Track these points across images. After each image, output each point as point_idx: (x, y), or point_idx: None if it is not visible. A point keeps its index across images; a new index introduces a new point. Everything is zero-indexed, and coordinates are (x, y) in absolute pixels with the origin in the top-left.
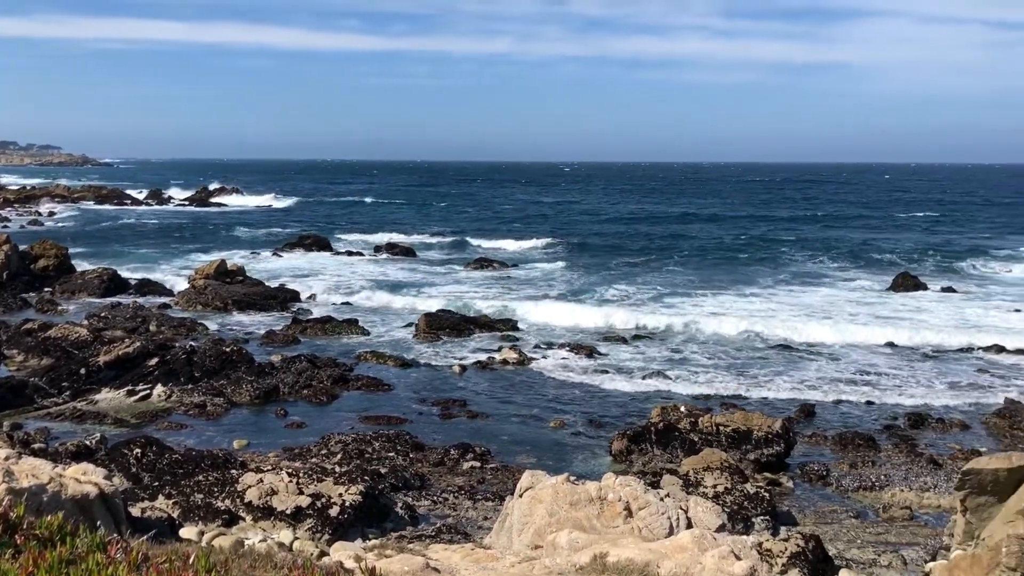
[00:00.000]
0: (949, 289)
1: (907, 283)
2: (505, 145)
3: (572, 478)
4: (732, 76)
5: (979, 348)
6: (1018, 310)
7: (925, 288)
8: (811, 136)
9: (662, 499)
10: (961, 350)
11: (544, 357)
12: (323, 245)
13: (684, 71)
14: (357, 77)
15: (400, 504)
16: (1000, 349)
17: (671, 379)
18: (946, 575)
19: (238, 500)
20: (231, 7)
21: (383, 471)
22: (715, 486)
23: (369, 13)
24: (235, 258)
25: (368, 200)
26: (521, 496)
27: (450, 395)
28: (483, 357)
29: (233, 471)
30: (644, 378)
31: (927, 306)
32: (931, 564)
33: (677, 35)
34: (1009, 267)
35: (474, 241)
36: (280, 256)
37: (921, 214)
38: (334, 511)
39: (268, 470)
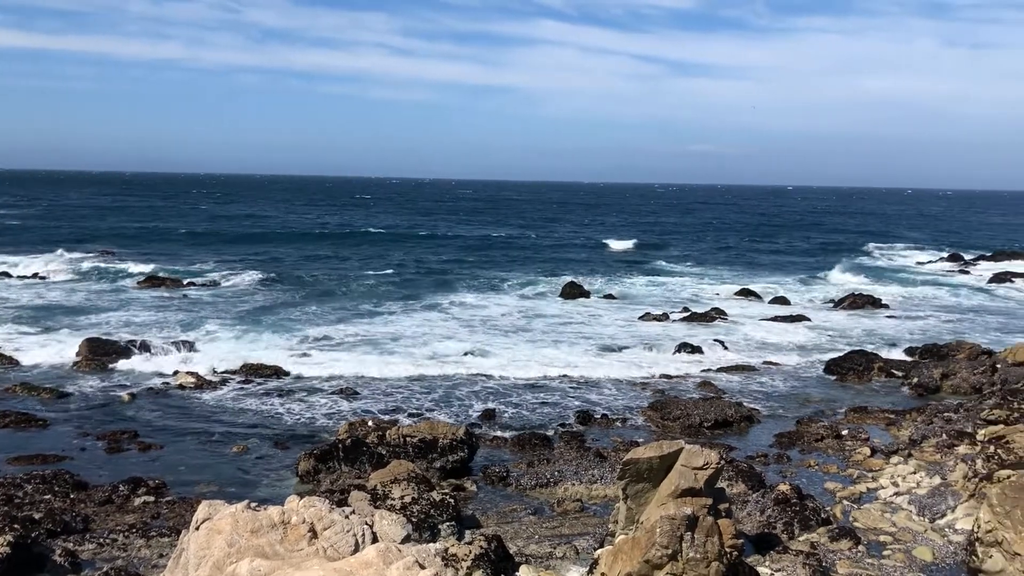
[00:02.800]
0: (609, 296)
1: (572, 291)
2: (185, 155)
3: (254, 504)
4: (412, 94)
5: (636, 348)
6: (649, 315)
7: (588, 295)
8: (490, 155)
9: (347, 516)
10: (622, 348)
11: (225, 381)
12: None
13: (368, 87)
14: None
15: (59, 551)
16: (651, 348)
17: (359, 394)
18: (611, 559)
19: None
20: None
21: (37, 516)
22: (402, 497)
23: (10, 5)
24: None
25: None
26: (198, 528)
27: (118, 426)
28: (157, 383)
29: None
30: (331, 394)
31: (598, 311)
32: (599, 551)
33: (358, 50)
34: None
35: (134, 265)
36: None
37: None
38: None
39: None
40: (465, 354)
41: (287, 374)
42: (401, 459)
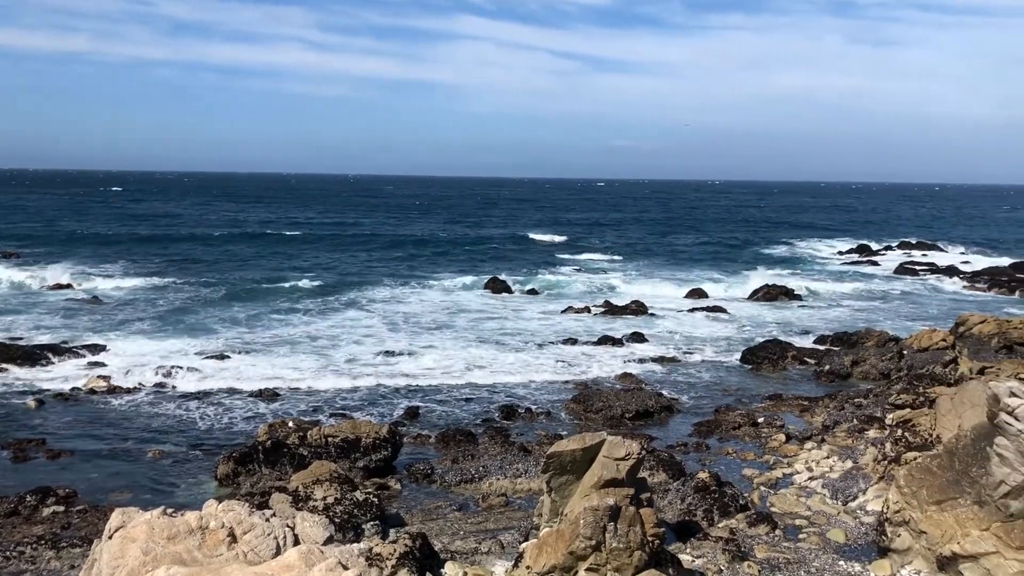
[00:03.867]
0: (532, 291)
1: (496, 286)
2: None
3: (170, 510)
4: (332, 89)
5: (559, 343)
6: (571, 308)
7: (511, 291)
8: (414, 150)
9: (268, 519)
10: (545, 343)
11: (138, 386)
12: None
13: (285, 81)
14: None
15: None
16: (573, 341)
17: (279, 396)
18: (536, 552)
19: None
20: None
21: None
22: (325, 498)
23: None
24: None
25: None
26: (111, 537)
27: (24, 434)
28: (66, 388)
29: None
30: (251, 396)
31: (521, 306)
32: (524, 544)
33: (276, 45)
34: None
35: (40, 268)
36: None
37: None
38: None
39: None
40: (388, 352)
41: (203, 376)
42: (323, 459)
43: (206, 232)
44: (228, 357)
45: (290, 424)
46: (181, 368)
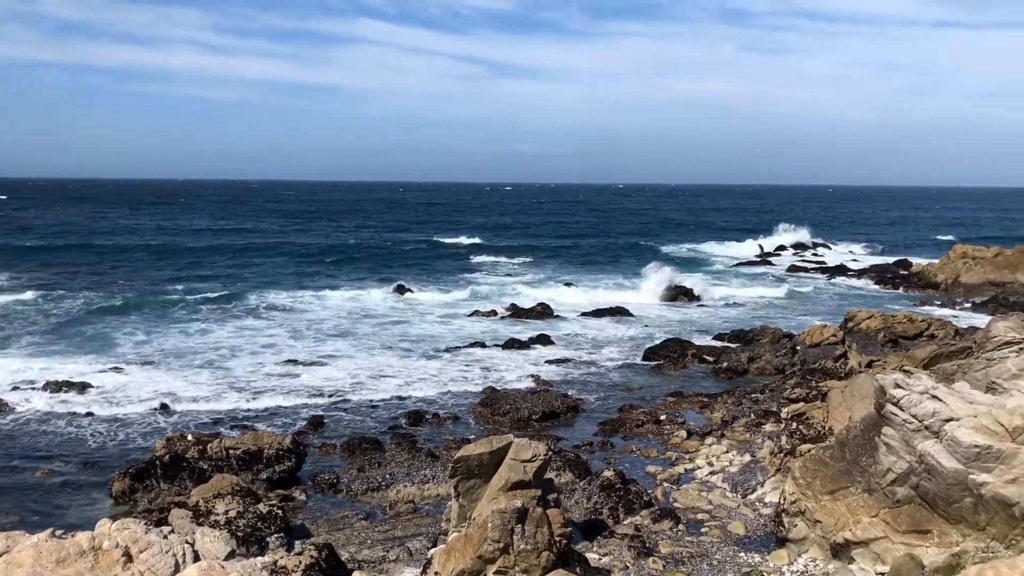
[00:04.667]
0: (438, 295)
1: (402, 290)
2: None
3: (60, 532)
4: (228, 92)
5: (466, 347)
6: (479, 311)
7: (416, 295)
8: (316, 155)
9: (166, 536)
10: (452, 347)
11: (27, 402)
12: None
13: (179, 85)
14: None
15: None
16: (480, 345)
17: (177, 409)
18: (445, 558)
19: None
20: None
21: None
22: (227, 512)
23: None
24: None
25: None
26: None
27: None
28: None
29: None
30: (147, 410)
31: (427, 311)
32: (433, 550)
33: (168, 47)
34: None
35: None
36: None
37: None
38: None
39: None
40: (290, 361)
41: (96, 391)
42: (225, 473)
43: (99, 241)
44: (122, 370)
45: (189, 437)
46: (72, 383)
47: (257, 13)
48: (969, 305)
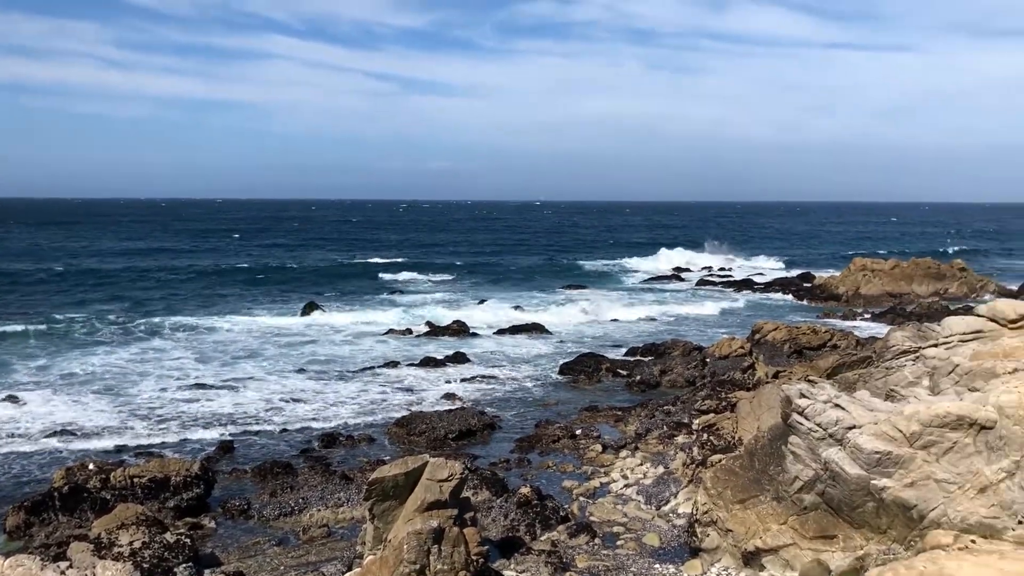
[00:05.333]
0: (353, 314)
1: (314, 310)
2: None
3: None
4: (129, 109)
5: (381, 366)
6: (413, 330)
7: (329, 315)
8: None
9: (63, 572)
10: (363, 370)
11: None
12: None
13: (75, 101)
14: None
15: None
16: (395, 364)
17: (76, 436)
18: None
19: None
20: None
21: None
22: (131, 543)
23: None
24: None
25: None
26: None
27: None
28: None
29: None
30: (45, 439)
31: (340, 330)
32: (348, 574)
33: (65, 61)
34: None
35: None
36: None
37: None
38: None
39: None
40: (198, 385)
41: None
42: (129, 502)
43: None
44: (18, 399)
45: (90, 466)
46: None
47: (159, 27)
48: (869, 316)
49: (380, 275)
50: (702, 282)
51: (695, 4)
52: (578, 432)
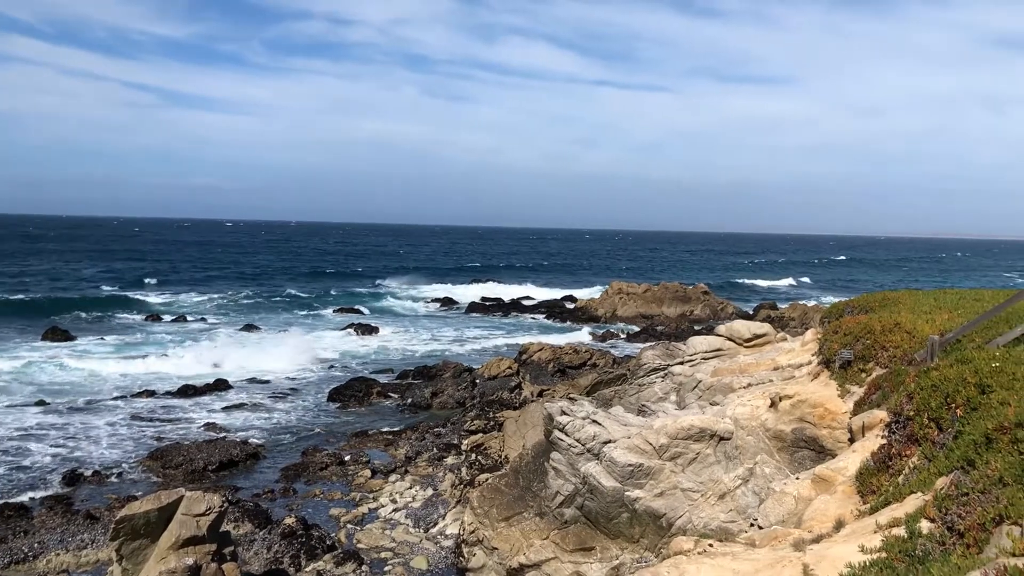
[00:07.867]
0: (102, 341)
1: (58, 336)
2: None
3: None
4: None
5: (133, 396)
6: (168, 353)
7: (75, 342)
8: None
9: None
10: (115, 399)
11: None
12: None
13: None
14: None
15: None
16: (151, 394)
17: None
18: None
19: None
20: None
21: None
22: None
23: None
24: None
25: None
26: None
27: None
28: None
29: None
30: None
31: (91, 355)
32: None
33: None
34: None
35: None
36: None
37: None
38: None
39: None
40: None
41: None
42: None
43: None
44: None
45: None
46: None
47: None
48: (624, 336)
49: (141, 301)
50: (473, 306)
51: (467, 33)
52: (347, 458)
